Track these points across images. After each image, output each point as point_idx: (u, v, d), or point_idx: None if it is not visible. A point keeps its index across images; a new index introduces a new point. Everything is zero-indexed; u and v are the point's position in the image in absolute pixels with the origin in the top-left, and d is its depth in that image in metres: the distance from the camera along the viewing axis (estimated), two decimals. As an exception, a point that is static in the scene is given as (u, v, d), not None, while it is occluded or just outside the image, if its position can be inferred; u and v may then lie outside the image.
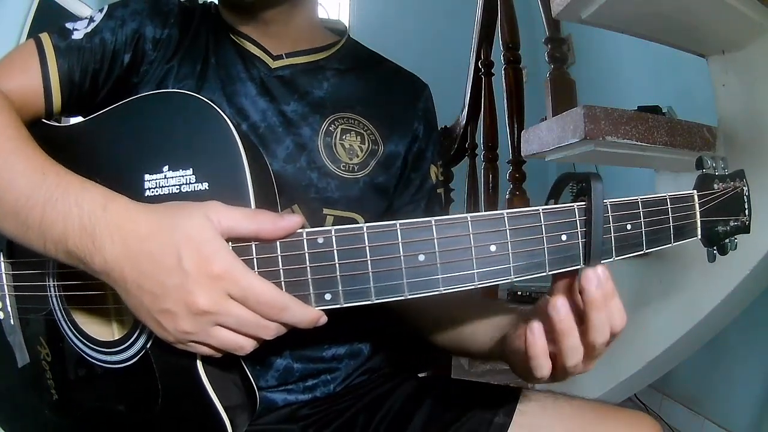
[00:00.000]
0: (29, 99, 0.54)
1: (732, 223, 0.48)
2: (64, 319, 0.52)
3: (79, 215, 0.40)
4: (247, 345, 0.41)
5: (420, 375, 0.73)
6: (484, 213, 0.40)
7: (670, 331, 1.17)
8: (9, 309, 0.55)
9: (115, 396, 0.49)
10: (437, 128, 0.73)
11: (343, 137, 0.62)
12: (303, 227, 0.40)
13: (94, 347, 0.50)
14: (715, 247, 0.48)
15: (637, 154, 0.99)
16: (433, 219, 0.39)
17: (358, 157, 0.62)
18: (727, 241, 0.48)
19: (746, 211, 0.48)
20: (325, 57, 0.66)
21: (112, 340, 0.49)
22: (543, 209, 0.40)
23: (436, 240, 0.39)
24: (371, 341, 0.68)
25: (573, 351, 0.40)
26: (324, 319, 0.41)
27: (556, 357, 0.41)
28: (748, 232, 0.48)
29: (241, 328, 0.40)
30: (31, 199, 0.42)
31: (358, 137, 0.63)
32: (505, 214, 0.40)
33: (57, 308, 0.52)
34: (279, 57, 0.63)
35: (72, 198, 0.41)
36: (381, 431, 0.59)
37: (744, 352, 1.57)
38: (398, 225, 0.39)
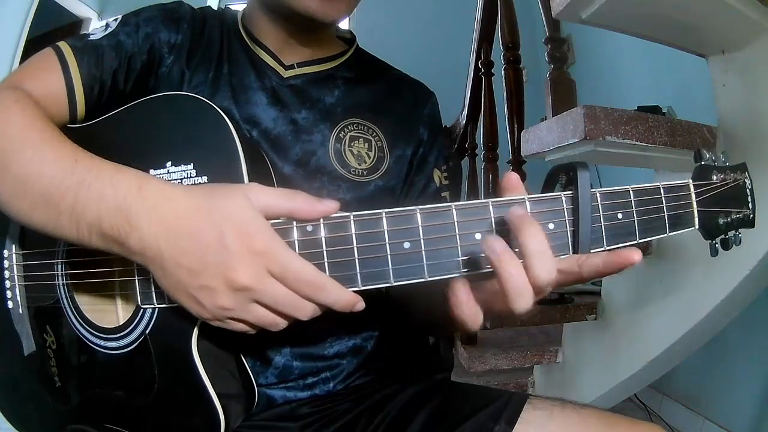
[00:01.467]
0: (52, 100, 0.54)
1: (734, 216, 0.46)
2: (70, 307, 0.53)
3: (114, 196, 0.41)
4: (282, 323, 0.41)
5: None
6: (468, 202, 0.41)
7: (670, 331, 1.17)
8: (18, 298, 0.57)
9: (115, 381, 0.50)
10: (442, 134, 0.74)
11: (352, 144, 0.64)
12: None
13: (97, 333, 0.51)
14: (717, 241, 0.47)
15: (637, 154, 0.99)
16: (417, 207, 0.40)
17: (366, 162, 0.64)
18: (730, 235, 0.47)
19: (749, 204, 0.47)
20: (335, 66, 0.68)
21: (114, 326, 0.50)
22: (529, 198, 0.41)
23: (420, 228, 0.40)
24: (374, 340, 0.67)
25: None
26: (361, 304, 0.41)
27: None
28: (753, 227, 0.47)
29: (277, 307, 0.40)
30: (64, 183, 0.42)
31: (366, 144, 0.64)
32: (490, 203, 0.40)
33: (64, 296, 0.53)
34: (291, 67, 0.65)
35: (106, 180, 0.42)
36: None
37: (744, 352, 1.57)
38: (384, 213, 0.40)
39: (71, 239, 0.43)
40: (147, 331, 0.47)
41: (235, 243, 0.38)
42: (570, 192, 0.41)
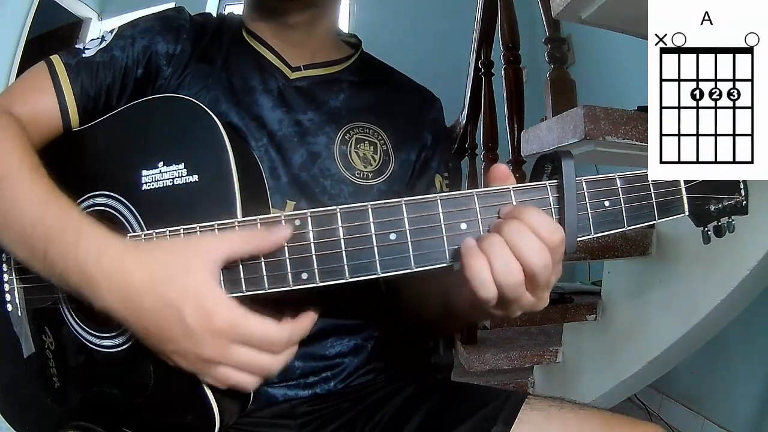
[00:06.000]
0: (45, 119, 0.55)
1: (726, 202, 0.45)
2: (68, 307, 0.53)
3: (75, 258, 0.42)
4: (250, 382, 0.44)
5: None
6: (454, 192, 0.41)
7: (670, 331, 1.17)
8: (17, 300, 0.57)
9: (112, 380, 0.51)
10: (445, 140, 0.74)
11: (358, 146, 0.64)
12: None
13: (93, 333, 0.51)
14: (709, 228, 0.46)
15: (637, 154, 0.99)
16: (403, 199, 0.41)
17: (371, 165, 0.64)
18: (722, 222, 0.46)
19: (742, 191, 0.46)
20: (340, 70, 0.68)
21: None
22: (513, 188, 0.41)
23: (406, 219, 0.41)
24: (374, 339, 0.68)
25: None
26: (315, 315, 0.45)
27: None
28: (746, 213, 0.46)
29: (246, 369, 0.43)
30: (36, 231, 0.44)
31: (372, 147, 0.64)
32: (474, 194, 0.41)
33: (62, 296, 0.54)
34: (297, 69, 0.65)
35: (70, 238, 0.43)
36: None
37: (744, 352, 1.57)
38: (369, 206, 0.41)
39: (52, 282, 0.45)
40: None
41: (195, 323, 0.40)
42: (555, 180, 0.41)
